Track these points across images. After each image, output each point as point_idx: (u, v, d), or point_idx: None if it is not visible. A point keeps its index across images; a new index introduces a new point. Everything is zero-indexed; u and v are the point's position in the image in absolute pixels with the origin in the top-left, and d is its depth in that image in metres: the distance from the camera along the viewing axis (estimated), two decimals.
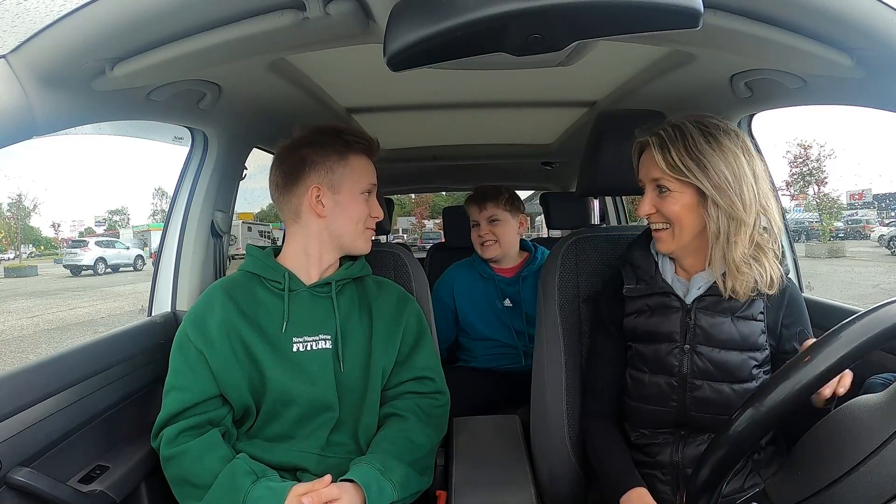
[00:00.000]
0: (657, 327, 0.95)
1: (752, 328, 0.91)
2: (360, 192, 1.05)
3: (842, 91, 0.90)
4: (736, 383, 0.90)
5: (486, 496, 0.99)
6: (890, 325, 0.51)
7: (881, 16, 0.65)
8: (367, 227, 1.07)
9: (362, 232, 1.06)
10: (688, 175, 0.86)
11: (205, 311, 0.99)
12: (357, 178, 1.05)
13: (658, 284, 0.96)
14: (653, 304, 0.96)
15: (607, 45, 1.04)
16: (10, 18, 0.61)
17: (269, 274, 1.03)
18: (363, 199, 1.06)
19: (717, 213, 0.86)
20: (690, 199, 0.88)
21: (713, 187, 0.85)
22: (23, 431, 0.83)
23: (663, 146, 0.87)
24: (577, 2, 0.53)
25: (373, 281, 1.13)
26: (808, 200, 23.35)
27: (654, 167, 0.90)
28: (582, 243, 1.17)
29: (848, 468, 0.49)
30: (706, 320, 0.91)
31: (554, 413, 1.10)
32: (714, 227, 0.87)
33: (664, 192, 0.90)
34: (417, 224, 37.93)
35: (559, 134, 2.08)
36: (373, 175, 1.08)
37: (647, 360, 0.96)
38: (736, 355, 0.90)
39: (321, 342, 1.00)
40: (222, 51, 0.77)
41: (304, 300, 1.02)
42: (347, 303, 1.06)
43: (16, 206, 30.83)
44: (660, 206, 0.91)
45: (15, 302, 12.28)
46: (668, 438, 0.95)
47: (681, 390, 0.92)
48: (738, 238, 0.86)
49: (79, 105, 0.79)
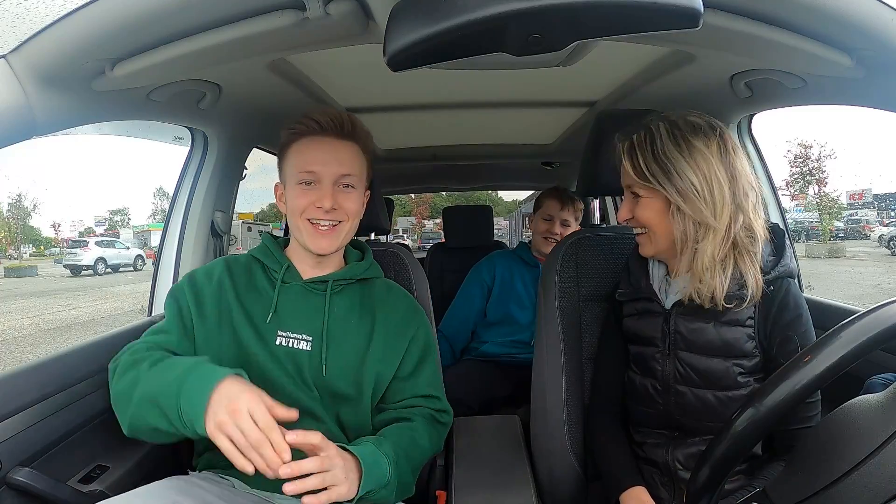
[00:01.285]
0: (642, 331, 0.96)
1: (737, 334, 0.87)
2: (298, 182, 0.95)
3: (842, 91, 0.90)
4: (720, 391, 0.88)
5: (486, 496, 0.99)
6: (890, 325, 0.51)
7: (881, 16, 0.65)
8: (312, 218, 0.95)
9: (304, 226, 0.95)
10: (652, 182, 0.85)
11: (204, 278, 0.98)
12: (293, 167, 0.96)
13: (642, 289, 0.96)
14: (639, 308, 0.98)
15: (607, 45, 1.04)
16: (10, 18, 0.61)
17: (270, 262, 1.00)
18: (301, 189, 0.95)
19: (683, 220, 0.84)
20: (661, 204, 0.87)
21: (677, 193, 0.84)
22: (23, 431, 0.83)
23: (632, 153, 0.88)
24: (577, 2, 0.53)
25: (383, 285, 1.07)
26: (809, 200, 23.37)
27: (626, 173, 0.90)
28: (582, 243, 1.17)
29: (848, 468, 0.49)
30: (685, 325, 0.90)
31: (554, 413, 1.10)
32: (679, 233, 0.85)
33: (637, 198, 0.90)
34: (417, 224, 37.96)
35: (559, 134, 2.08)
36: (314, 160, 0.94)
37: (637, 361, 0.98)
38: (719, 362, 0.88)
39: (302, 342, 0.94)
40: (222, 51, 0.77)
41: (297, 294, 0.98)
42: (345, 303, 0.99)
43: (16, 207, 30.87)
44: (635, 211, 0.91)
45: (15, 302, 12.28)
46: (661, 439, 0.95)
47: (664, 394, 0.92)
48: (705, 244, 0.83)
49: (79, 105, 0.79)
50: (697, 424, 0.91)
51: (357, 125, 0.99)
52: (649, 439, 0.97)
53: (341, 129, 0.96)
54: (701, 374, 0.89)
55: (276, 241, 1.04)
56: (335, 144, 0.96)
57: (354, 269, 1.03)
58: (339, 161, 0.95)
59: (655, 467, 0.95)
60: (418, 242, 23.01)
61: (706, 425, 0.90)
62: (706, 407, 0.89)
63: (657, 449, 0.95)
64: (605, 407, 1.04)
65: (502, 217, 26.80)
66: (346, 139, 0.97)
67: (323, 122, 0.95)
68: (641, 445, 0.98)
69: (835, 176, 50.23)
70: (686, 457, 0.92)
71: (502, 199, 36.27)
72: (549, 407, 1.11)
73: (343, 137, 0.97)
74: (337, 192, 0.95)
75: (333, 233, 0.96)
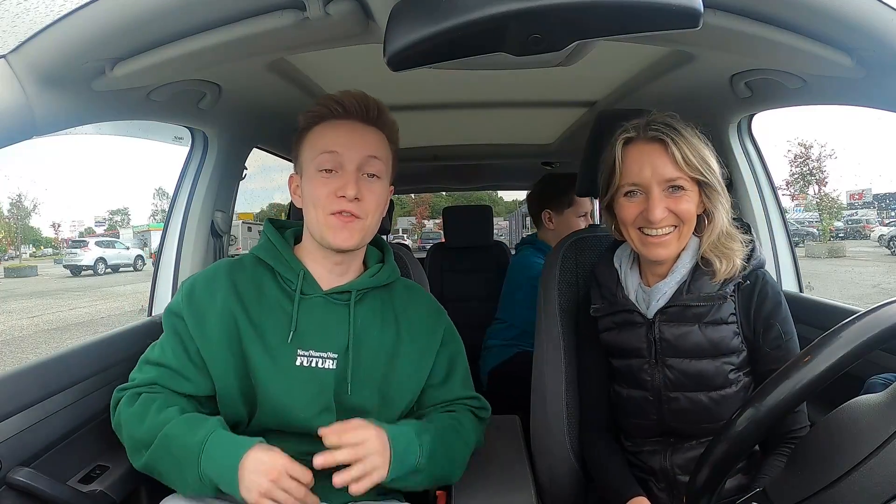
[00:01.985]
0: (625, 343, 0.94)
1: (723, 333, 0.88)
2: (317, 168, 0.85)
3: (842, 91, 0.90)
4: (713, 391, 0.88)
5: (486, 496, 0.99)
6: (890, 325, 0.51)
7: (881, 16, 0.65)
8: (333, 210, 0.84)
9: (324, 219, 0.84)
10: (702, 171, 0.86)
11: (204, 293, 0.87)
12: (311, 150, 0.86)
13: (619, 302, 0.95)
14: (619, 320, 0.96)
15: (607, 45, 1.04)
16: (10, 18, 0.61)
17: (282, 268, 0.88)
18: (321, 177, 0.84)
19: (722, 204, 0.88)
20: (697, 197, 0.88)
21: (718, 183, 0.87)
22: (23, 431, 0.82)
23: (677, 146, 0.85)
24: (577, 2, 0.53)
25: (403, 286, 0.98)
26: (809, 200, 23.37)
27: (670, 166, 0.85)
28: (582, 243, 1.17)
29: (848, 468, 0.49)
30: (671, 332, 0.90)
31: (554, 413, 1.10)
32: (721, 217, 0.88)
33: (678, 192, 0.86)
34: (417, 224, 37.95)
35: (559, 134, 2.08)
36: (337, 141, 0.84)
37: (623, 375, 0.96)
38: (709, 363, 0.88)
39: (327, 361, 0.86)
40: (222, 51, 0.77)
41: (317, 308, 0.87)
42: (367, 312, 0.90)
43: (16, 207, 30.86)
44: (674, 207, 0.86)
45: (15, 302, 12.28)
46: (657, 447, 0.94)
47: (657, 403, 0.92)
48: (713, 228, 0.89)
49: (79, 105, 0.79)
50: (693, 428, 0.91)
51: (384, 112, 0.89)
52: (645, 447, 0.96)
53: (366, 114, 0.87)
54: (692, 377, 0.89)
55: (283, 237, 0.93)
56: (360, 128, 0.86)
57: (379, 277, 0.93)
58: (365, 143, 0.85)
59: (653, 475, 0.95)
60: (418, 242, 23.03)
61: (702, 428, 0.90)
62: (700, 409, 0.88)
63: (654, 456, 0.94)
64: (595, 423, 1.03)
65: (502, 217, 26.78)
66: (372, 125, 0.88)
67: (347, 104, 0.85)
68: (637, 454, 0.97)
69: (835, 176, 50.27)
70: (684, 461, 0.91)
71: (502, 199, 36.28)
72: (549, 407, 1.11)
73: (368, 122, 0.87)
74: (361, 182, 0.85)
75: (354, 224, 0.85)
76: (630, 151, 0.89)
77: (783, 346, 0.87)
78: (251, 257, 0.92)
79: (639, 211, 0.87)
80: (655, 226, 0.86)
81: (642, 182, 0.87)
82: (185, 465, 0.77)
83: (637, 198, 0.88)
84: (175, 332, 0.87)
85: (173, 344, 0.87)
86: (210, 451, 0.76)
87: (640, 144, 0.88)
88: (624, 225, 0.91)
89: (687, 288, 0.89)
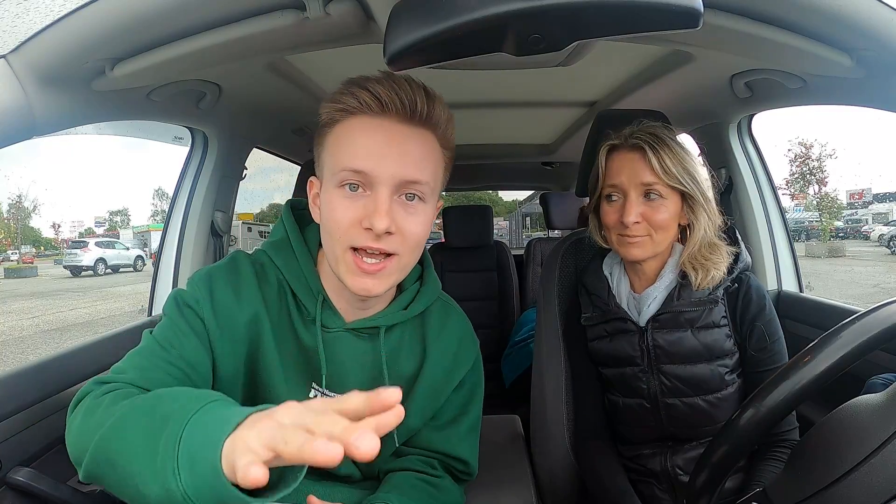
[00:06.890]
0: (618, 351, 0.94)
1: (716, 336, 0.89)
2: (339, 183, 0.63)
3: (842, 91, 0.90)
4: (710, 394, 0.88)
5: (486, 496, 0.99)
6: (890, 325, 0.51)
7: (881, 16, 0.65)
8: (354, 244, 0.63)
9: (342, 254, 0.64)
10: (682, 181, 0.86)
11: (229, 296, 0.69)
12: (331, 160, 0.65)
13: (612, 310, 0.95)
14: (610, 329, 0.96)
15: (607, 45, 1.04)
16: (10, 18, 0.61)
17: (302, 291, 0.72)
18: (343, 194, 0.63)
19: (705, 216, 0.88)
20: (676, 205, 0.89)
21: (700, 194, 0.87)
22: (23, 431, 0.82)
23: (657, 153, 0.86)
24: (577, 2, 0.53)
25: (440, 311, 0.81)
26: (809, 200, 23.37)
27: (647, 172, 0.87)
28: (582, 243, 1.17)
29: (848, 468, 0.49)
30: (664, 338, 0.90)
31: (554, 413, 1.10)
32: (701, 230, 0.88)
33: (654, 199, 0.88)
34: None
35: (559, 134, 2.08)
36: (366, 152, 0.62)
37: (617, 384, 0.96)
38: (703, 367, 0.88)
39: None
40: (222, 51, 0.77)
41: (342, 344, 0.73)
42: (394, 343, 0.76)
43: (16, 207, 30.88)
44: (648, 213, 0.88)
45: (15, 303, 12.28)
46: (656, 450, 0.94)
47: (654, 410, 0.92)
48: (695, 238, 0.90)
49: (79, 105, 0.79)
50: (691, 432, 0.91)
51: (436, 106, 0.65)
52: (643, 451, 0.96)
53: (412, 112, 0.63)
54: (688, 382, 0.89)
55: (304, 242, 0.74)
56: (401, 132, 0.63)
57: (414, 307, 0.77)
58: (405, 157, 0.63)
59: (654, 477, 0.95)
60: None
61: (700, 430, 0.90)
62: (698, 413, 0.89)
63: (653, 459, 0.94)
64: (592, 431, 1.03)
65: (502, 217, 26.78)
66: (419, 126, 0.64)
67: (385, 97, 0.62)
68: (636, 458, 0.97)
69: (835, 176, 50.26)
70: (685, 461, 0.91)
71: (502, 199, 36.24)
72: (548, 406, 1.11)
73: (413, 123, 0.64)
74: (396, 207, 0.64)
75: (384, 270, 0.65)
76: (613, 158, 0.92)
77: (768, 348, 0.88)
78: (270, 263, 0.74)
79: (618, 216, 0.90)
80: (629, 230, 0.88)
81: (620, 185, 0.89)
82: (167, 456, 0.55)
83: (616, 202, 0.91)
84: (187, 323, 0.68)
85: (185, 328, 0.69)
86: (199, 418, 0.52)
87: (623, 152, 0.91)
88: (606, 229, 0.94)
89: (678, 294, 0.90)
